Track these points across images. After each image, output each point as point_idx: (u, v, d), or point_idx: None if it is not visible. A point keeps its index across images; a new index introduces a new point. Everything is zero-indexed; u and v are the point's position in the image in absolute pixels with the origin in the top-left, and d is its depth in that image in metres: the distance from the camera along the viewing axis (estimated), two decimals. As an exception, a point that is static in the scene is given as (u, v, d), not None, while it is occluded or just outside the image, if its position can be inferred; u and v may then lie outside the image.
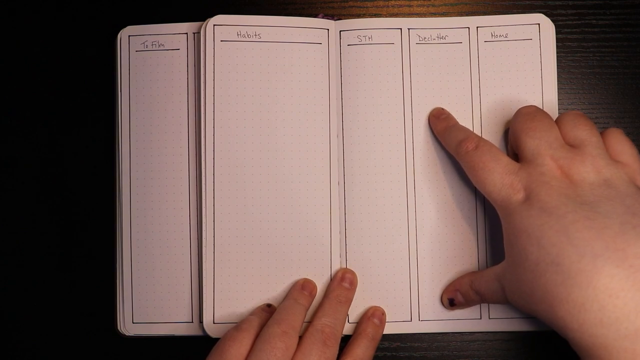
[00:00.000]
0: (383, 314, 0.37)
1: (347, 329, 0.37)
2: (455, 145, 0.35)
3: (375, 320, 0.36)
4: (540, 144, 0.31)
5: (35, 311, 0.39)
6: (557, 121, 0.33)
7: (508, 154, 0.35)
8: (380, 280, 0.37)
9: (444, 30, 0.38)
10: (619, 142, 0.32)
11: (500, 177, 0.31)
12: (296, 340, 0.32)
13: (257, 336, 0.33)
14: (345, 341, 0.37)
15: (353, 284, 0.37)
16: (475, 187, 0.37)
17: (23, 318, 0.39)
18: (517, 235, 0.29)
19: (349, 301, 0.36)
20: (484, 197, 0.37)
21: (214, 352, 0.32)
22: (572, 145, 0.31)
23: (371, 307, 0.37)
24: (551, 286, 0.27)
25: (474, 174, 0.33)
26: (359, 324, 0.37)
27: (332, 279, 0.37)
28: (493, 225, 0.38)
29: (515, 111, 0.34)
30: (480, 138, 0.34)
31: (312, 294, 0.37)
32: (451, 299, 0.36)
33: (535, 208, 0.29)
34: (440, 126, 0.37)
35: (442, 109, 0.38)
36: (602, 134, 0.32)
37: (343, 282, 0.37)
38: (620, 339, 0.25)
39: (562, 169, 0.30)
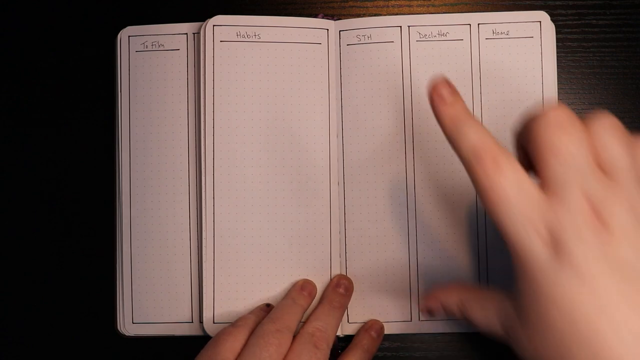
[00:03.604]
0: (382, 328, 0.37)
1: (348, 329, 0.37)
2: (466, 152, 0.27)
3: (373, 333, 0.36)
4: (569, 171, 0.25)
5: (36, 311, 0.39)
6: (588, 127, 0.26)
7: (517, 157, 0.29)
8: (380, 280, 0.37)
9: (444, 27, 0.38)
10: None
11: (522, 216, 0.25)
12: (290, 339, 0.32)
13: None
14: (347, 342, 0.37)
15: (348, 290, 0.37)
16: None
17: (23, 318, 0.39)
18: (542, 300, 0.25)
19: (342, 306, 0.36)
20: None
21: (208, 346, 0.32)
22: (602, 168, 0.26)
23: (370, 320, 0.37)
24: None
25: (488, 200, 0.26)
26: (356, 335, 0.37)
27: (327, 285, 0.37)
28: (494, 225, 0.37)
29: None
30: (499, 151, 0.26)
31: (311, 295, 0.37)
32: (430, 310, 0.33)
33: (565, 268, 0.24)
34: (446, 113, 0.28)
35: (447, 81, 0.28)
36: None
37: (338, 288, 0.37)
38: None
39: (594, 208, 0.25)
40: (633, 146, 0.26)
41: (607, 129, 0.26)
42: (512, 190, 0.25)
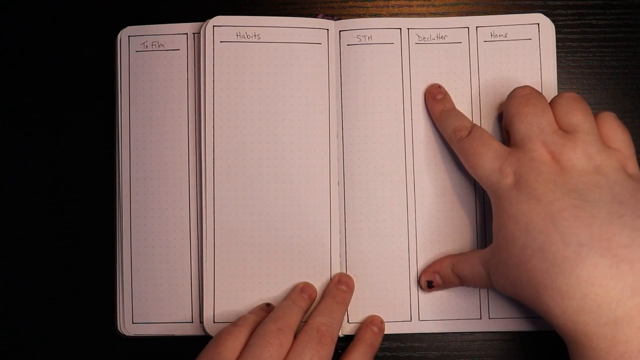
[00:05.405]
0: (382, 322, 0.37)
1: (348, 328, 0.37)
2: (450, 133, 0.35)
3: (374, 328, 0.36)
4: (531, 129, 0.31)
5: (36, 311, 0.39)
6: (551, 103, 0.32)
7: (502, 135, 0.37)
8: (380, 280, 0.37)
9: (443, 30, 0.38)
10: (612, 127, 0.31)
11: (490, 162, 0.32)
12: (291, 338, 0.32)
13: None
14: (346, 342, 0.37)
15: (350, 287, 0.37)
16: (476, 189, 0.37)
17: (23, 318, 0.39)
18: (506, 219, 0.30)
19: (345, 303, 0.36)
20: (484, 199, 0.37)
21: (209, 346, 0.32)
22: (565, 131, 0.31)
23: (371, 315, 0.37)
24: (536, 272, 0.28)
25: (465, 160, 0.34)
26: (357, 331, 0.37)
27: (329, 283, 0.37)
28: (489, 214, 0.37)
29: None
30: (473, 125, 0.35)
31: (311, 298, 0.37)
32: (429, 282, 0.36)
33: (524, 194, 0.29)
34: (437, 109, 0.37)
35: (439, 86, 0.38)
36: (595, 117, 0.32)
37: (340, 284, 0.37)
38: (601, 326, 0.26)
39: (553, 155, 0.30)
40: (591, 114, 0.31)
41: (568, 99, 0.32)
42: (481, 147, 0.32)
